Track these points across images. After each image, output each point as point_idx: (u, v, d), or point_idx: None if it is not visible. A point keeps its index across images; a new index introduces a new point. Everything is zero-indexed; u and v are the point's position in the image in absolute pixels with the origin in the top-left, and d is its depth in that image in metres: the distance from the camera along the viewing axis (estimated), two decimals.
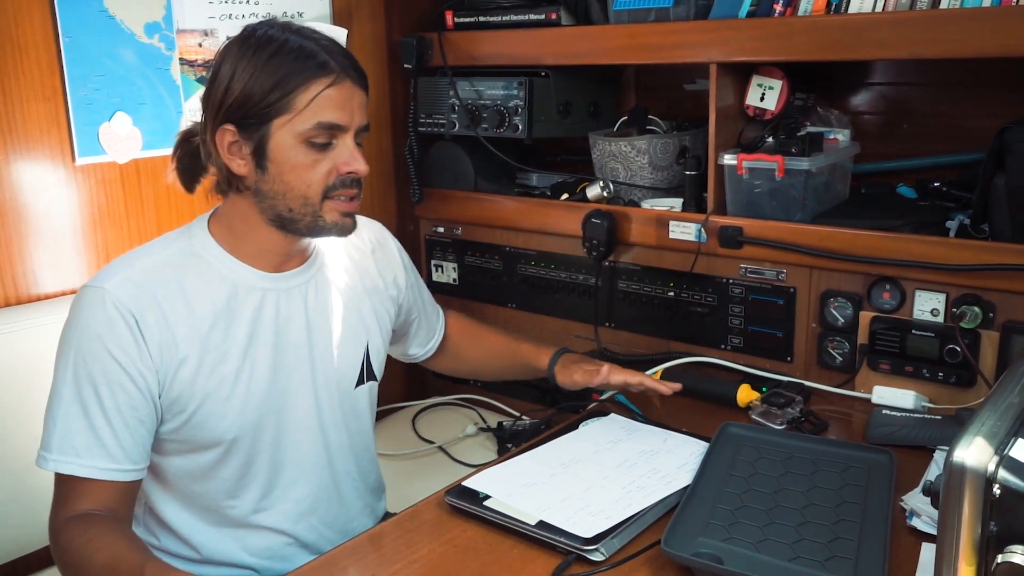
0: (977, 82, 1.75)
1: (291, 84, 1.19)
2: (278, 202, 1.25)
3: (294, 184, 1.24)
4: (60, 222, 1.64)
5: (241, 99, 1.20)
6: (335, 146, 1.24)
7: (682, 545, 1.12)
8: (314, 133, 1.22)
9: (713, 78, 1.69)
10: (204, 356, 1.25)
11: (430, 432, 2.04)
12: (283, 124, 1.21)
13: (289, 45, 1.21)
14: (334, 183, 1.25)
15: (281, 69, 1.19)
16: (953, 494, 0.79)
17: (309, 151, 1.23)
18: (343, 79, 1.22)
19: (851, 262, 1.59)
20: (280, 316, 1.32)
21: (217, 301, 1.26)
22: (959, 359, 1.51)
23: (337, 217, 1.27)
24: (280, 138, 1.21)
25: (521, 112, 1.94)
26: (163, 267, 1.25)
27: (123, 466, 1.20)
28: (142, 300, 1.21)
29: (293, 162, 1.22)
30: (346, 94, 1.23)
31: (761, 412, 1.52)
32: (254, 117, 1.21)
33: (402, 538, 1.22)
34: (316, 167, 1.23)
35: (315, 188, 1.24)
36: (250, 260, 1.29)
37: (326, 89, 1.21)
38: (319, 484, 1.39)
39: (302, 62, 1.20)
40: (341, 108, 1.22)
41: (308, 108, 1.20)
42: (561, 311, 2.04)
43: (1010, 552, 0.77)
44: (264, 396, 1.30)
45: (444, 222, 2.20)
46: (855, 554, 1.10)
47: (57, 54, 1.59)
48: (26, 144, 1.57)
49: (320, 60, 1.21)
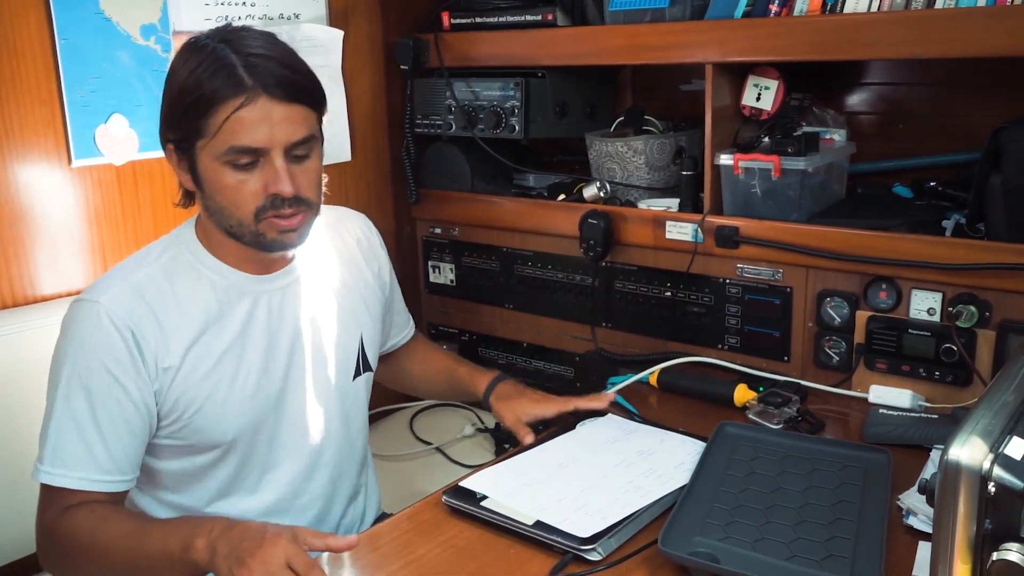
0: (973, 82, 1.76)
1: (203, 104, 1.15)
2: (220, 219, 1.24)
3: (225, 205, 1.21)
4: (57, 224, 1.64)
5: (168, 118, 1.21)
6: (262, 165, 1.19)
7: (679, 544, 1.12)
8: (232, 156, 1.17)
9: (709, 78, 1.69)
10: (200, 362, 1.25)
11: (428, 433, 2.05)
12: (203, 146, 1.18)
13: (210, 59, 1.16)
14: (263, 204, 1.20)
15: (198, 88, 1.15)
16: (948, 492, 0.79)
17: (235, 172, 1.19)
18: (257, 96, 1.15)
19: (847, 262, 1.59)
20: (272, 316, 1.32)
21: (210, 307, 1.27)
22: (955, 358, 1.51)
23: (276, 234, 1.23)
24: (204, 160, 1.19)
25: (517, 113, 1.94)
26: (156, 277, 1.26)
27: (113, 477, 1.21)
28: (138, 312, 1.21)
29: (220, 184, 1.20)
30: (261, 113, 1.16)
31: (758, 412, 1.53)
32: (183, 138, 1.20)
33: (399, 539, 1.22)
34: (243, 188, 1.19)
35: (245, 209, 1.21)
36: (236, 263, 1.30)
37: (236, 112, 1.15)
38: (310, 479, 1.40)
39: (216, 80, 1.15)
40: (254, 130, 1.16)
41: (221, 131, 1.16)
42: (558, 311, 2.04)
43: (1005, 550, 0.77)
44: (261, 396, 1.31)
45: (441, 223, 2.20)
46: (852, 553, 1.10)
47: (53, 56, 1.59)
48: (23, 146, 1.57)
49: (234, 78, 1.15)
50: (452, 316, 2.26)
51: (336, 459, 1.43)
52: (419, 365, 1.71)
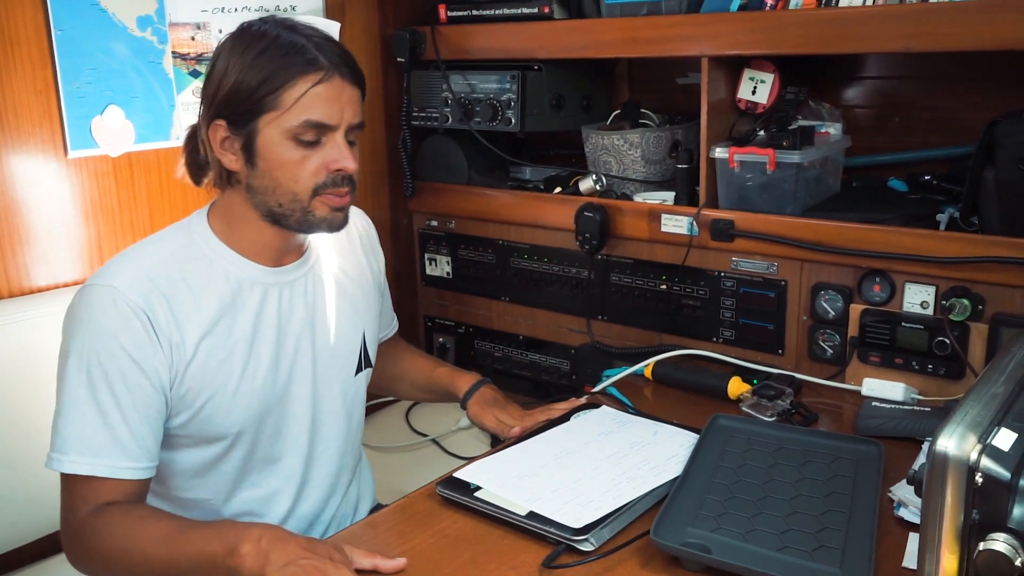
0: (968, 75, 1.76)
1: (278, 80, 1.19)
2: (268, 197, 1.25)
3: (282, 180, 1.23)
4: (53, 215, 1.64)
5: (231, 94, 1.21)
6: (324, 143, 1.23)
7: (671, 535, 1.13)
8: (301, 130, 1.21)
9: (705, 72, 1.69)
10: (212, 351, 1.25)
11: (423, 425, 2.05)
12: (271, 120, 1.20)
13: (279, 41, 1.20)
14: (324, 181, 1.24)
15: (270, 65, 1.19)
16: (936, 483, 0.80)
17: (297, 148, 1.22)
18: (332, 76, 1.21)
19: (842, 255, 1.60)
20: (282, 310, 1.32)
21: (222, 297, 1.26)
22: (948, 351, 1.52)
23: (327, 212, 1.26)
24: (268, 134, 1.21)
25: (514, 106, 1.94)
26: (168, 264, 1.24)
27: (141, 463, 1.20)
28: (151, 297, 1.20)
29: (282, 159, 1.22)
30: (335, 91, 1.22)
31: (751, 404, 1.53)
32: (243, 113, 1.21)
33: (393, 529, 1.23)
34: (304, 164, 1.22)
35: (303, 185, 1.23)
36: (250, 255, 1.30)
37: (314, 86, 1.20)
38: (312, 473, 1.40)
39: (290, 58, 1.19)
40: (329, 106, 1.21)
41: (296, 105, 1.19)
42: (554, 304, 2.05)
43: (992, 540, 0.78)
44: (268, 388, 1.31)
45: (437, 216, 2.21)
46: (842, 544, 1.11)
47: (49, 47, 1.59)
48: (18, 137, 1.57)
49: (309, 56, 1.20)
50: (448, 309, 2.26)
51: (337, 454, 1.43)
52: (394, 364, 1.69)
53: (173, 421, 1.25)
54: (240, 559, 1.07)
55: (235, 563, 1.07)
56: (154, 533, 1.14)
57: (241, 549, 1.07)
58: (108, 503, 1.17)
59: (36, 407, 1.21)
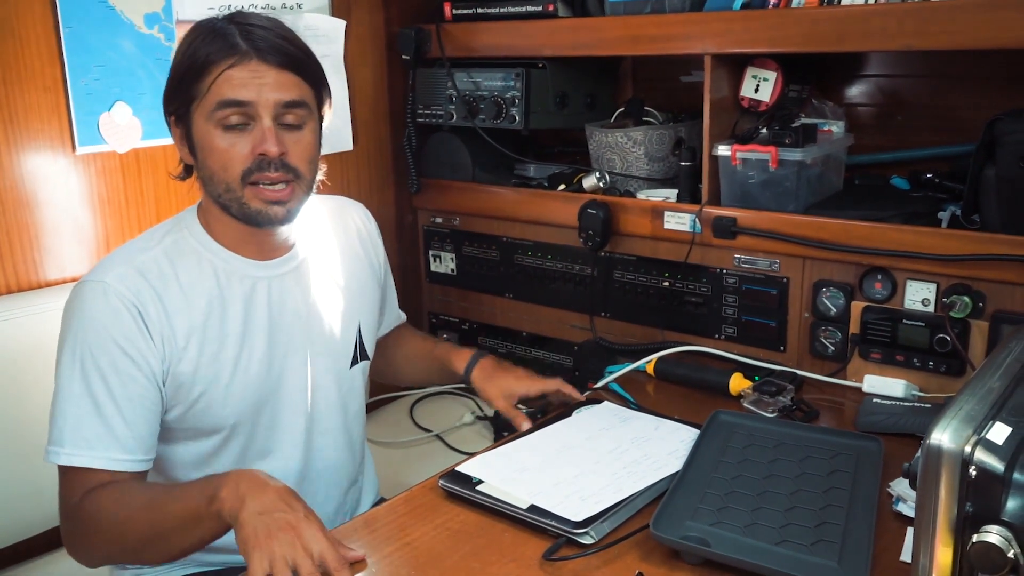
0: (970, 74, 1.76)
1: (198, 67, 1.21)
2: (210, 188, 1.27)
3: (215, 169, 1.24)
4: (61, 211, 1.65)
5: (169, 88, 1.26)
6: (251, 127, 1.23)
7: (670, 529, 1.14)
8: (221, 113, 1.21)
9: (708, 70, 1.70)
10: (203, 345, 1.27)
11: (427, 420, 2.06)
12: (197, 108, 1.23)
13: (208, 30, 1.23)
14: (250, 167, 1.23)
15: (196, 54, 1.22)
16: (930, 476, 0.80)
17: (225, 134, 1.23)
18: (249, 58, 1.21)
19: (843, 252, 1.61)
20: (273, 302, 1.34)
21: (211, 290, 1.29)
22: (949, 348, 1.52)
23: (261, 204, 1.25)
24: (198, 123, 1.24)
25: (518, 103, 1.95)
26: (159, 260, 1.27)
27: (136, 456, 1.22)
28: (143, 293, 1.23)
29: (211, 146, 1.23)
30: (251, 73, 1.21)
31: (753, 400, 1.54)
32: (180, 105, 1.25)
33: (395, 521, 1.24)
34: (232, 150, 1.23)
35: (232, 173, 1.23)
36: (233, 248, 1.32)
37: (228, 69, 1.20)
38: (309, 466, 1.41)
39: (212, 45, 1.21)
40: (244, 86, 1.21)
41: (212, 88, 1.21)
42: (557, 301, 2.06)
43: (985, 532, 0.78)
44: (262, 380, 1.33)
45: (442, 213, 2.22)
46: (841, 538, 1.12)
47: (57, 44, 1.60)
48: (27, 134, 1.59)
49: (231, 42, 1.21)
50: (452, 305, 2.27)
51: (334, 446, 1.44)
52: (398, 349, 1.71)
53: (169, 415, 1.27)
54: (220, 503, 1.07)
55: (215, 508, 1.08)
56: (140, 500, 1.16)
57: (220, 493, 1.08)
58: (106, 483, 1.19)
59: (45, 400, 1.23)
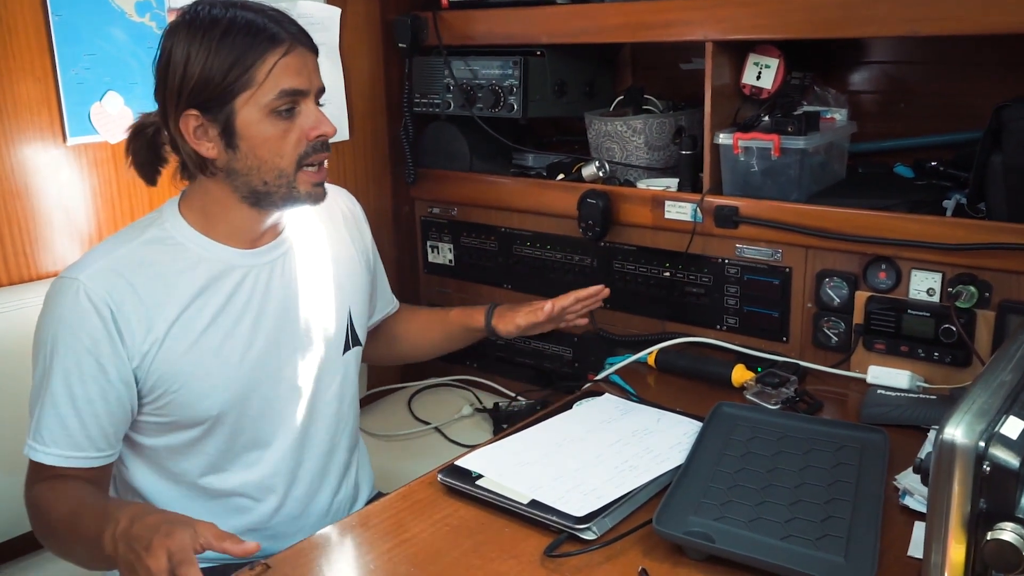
0: (974, 60, 1.74)
1: (248, 60, 1.21)
2: (252, 177, 1.26)
3: (267, 157, 1.25)
4: (52, 202, 1.63)
5: (201, 82, 1.21)
6: (299, 112, 1.26)
7: (674, 524, 1.12)
8: (278, 102, 1.23)
9: (709, 56, 1.67)
10: (185, 336, 1.26)
11: (426, 413, 2.05)
12: (247, 100, 1.22)
13: (238, 21, 1.22)
14: (306, 150, 1.27)
15: (236, 46, 1.20)
16: (943, 472, 0.79)
17: (277, 121, 1.24)
18: (295, 46, 1.24)
19: (847, 242, 1.58)
20: (258, 291, 1.33)
21: (195, 282, 1.28)
22: (954, 339, 1.50)
23: (309, 187, 1.29)
24: (246, 114, 1.22)
25: (516, 92, 1.93)
26: (139, 253, 1.26)
27: (88, 454, 1.23)
28: (118, 289, 1.22)
29: (264, 135, 1.24)
30: (301, 60, 1.24)
31: (756, 392, 1.52)
32: (217, 98, 1.21)
33: (394, 517, 1.22)
34: (286, 137, 1.25)
35: (288, 159, 1.26)
36: (224, 239, 1.31)
37: (282, 58, 1.22)
38: (303, 454, 1.40)
39: (253, 36, 1.21)
40: (299, 74, 1.24)
41: (268, 79, 1.21)
42: (556, 291, 2.00)
43: (999, 529, 0.76)
44: (248, 371, 1.31)
45: (439, 203, 2.19)
46: (847, 532, 1.10)
47: (47, 33, 1.58)
48: (17, 124, 1.56)
49: (271, 32, 1.22)
50: (451, 296, 2.25)
51: (328, 434, 1.44)
52: (407, 325, 1.73)
53: (147, 408, 1.27)
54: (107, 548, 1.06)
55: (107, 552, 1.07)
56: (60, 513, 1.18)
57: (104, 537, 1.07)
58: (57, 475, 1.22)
59: None
